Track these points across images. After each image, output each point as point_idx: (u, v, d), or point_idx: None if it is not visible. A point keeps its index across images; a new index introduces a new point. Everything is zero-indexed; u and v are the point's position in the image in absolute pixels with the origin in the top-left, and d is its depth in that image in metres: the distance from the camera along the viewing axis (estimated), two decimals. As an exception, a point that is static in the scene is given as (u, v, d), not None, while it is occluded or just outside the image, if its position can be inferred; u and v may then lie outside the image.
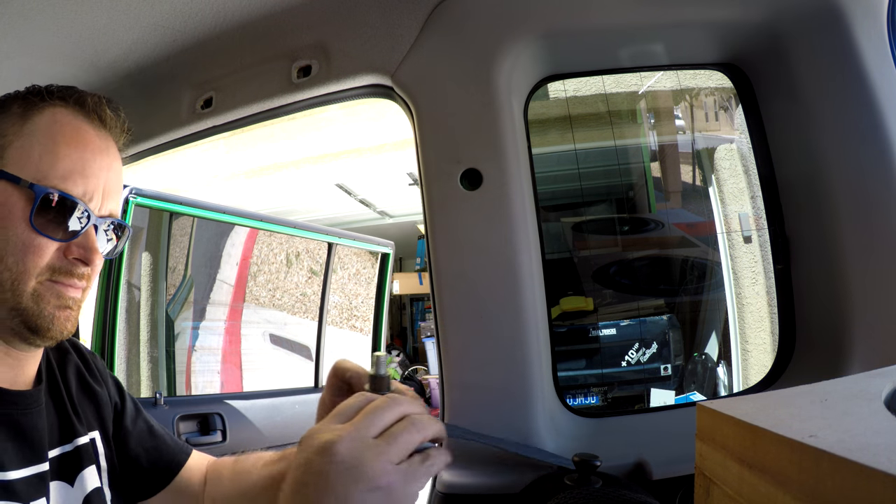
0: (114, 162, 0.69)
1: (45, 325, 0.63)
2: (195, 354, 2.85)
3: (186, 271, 2.87)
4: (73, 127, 0.66)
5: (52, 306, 0.64)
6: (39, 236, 0.62)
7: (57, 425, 0.69)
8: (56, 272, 0.64)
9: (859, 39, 0.84)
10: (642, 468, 0.86)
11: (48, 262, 0.63)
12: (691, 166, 2.66)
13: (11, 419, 0.63)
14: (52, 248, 0.63)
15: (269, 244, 3.40)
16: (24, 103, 0.65)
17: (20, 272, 0.62)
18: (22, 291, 0.62)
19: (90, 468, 0.71)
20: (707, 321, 2.61)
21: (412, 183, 5.50)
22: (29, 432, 0.64)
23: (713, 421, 0.44)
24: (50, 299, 0.63)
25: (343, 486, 0.43)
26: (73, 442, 0.70)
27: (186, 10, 0.95)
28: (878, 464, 0.28)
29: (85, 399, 0.77)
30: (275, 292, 3.38)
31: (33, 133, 0.64)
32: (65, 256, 0.64)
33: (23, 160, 0.62)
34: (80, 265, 0.65)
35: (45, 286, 0.63)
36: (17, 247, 0.61)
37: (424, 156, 0.92)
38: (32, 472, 0.62)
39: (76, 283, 0.65)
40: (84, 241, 0.65)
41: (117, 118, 0.70)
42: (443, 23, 0.92)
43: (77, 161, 0.64)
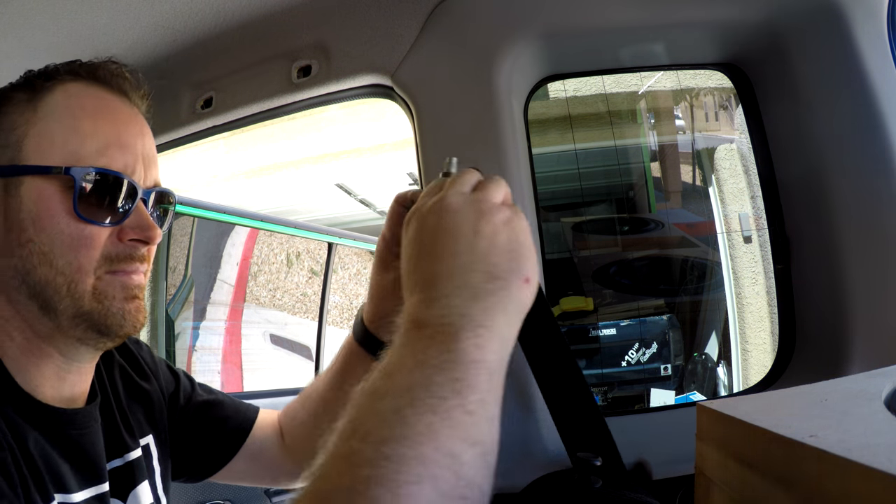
0: (145, 128, 0.62)
1: (117, 322, 0.57)
2: (195, 354, 2.85)
3: (187, 271, 2.87)
4: (93, 98, 0.58)
5: (120, 300, 0.57)
6: (88, 225, 0.55)
7: (110, 441, 0.64)
8: (115, 261, 0.57)
9: (859, 39, 0.84)
10: (642, 468, 0.86)
11: (104, 253, 0.56)
12: (691, 166, 2.66)
13: (70, 440, 0.57)
14: (105, 234, 0.56)
15: (269, 244, 3.40)
16: (29, 89, 0.58)
17: (75, 271, 0.55)
18: (82, 293, 0.55)
19: (143, 484, 0.66)
20: (707, 321, 2.61)
21: (412, 183, 5.50)
22: (89, 451, 0.59)
23: (713, 421, 0.44)
24: (115, 294, 0.56)
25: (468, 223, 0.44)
26: (123, 457, 0.65)
27: (186, 10, 0.95)
28: (878, 464, 0.28)
29: (134, 403, 0.71)
30: (275, 292, 3.39)
31: (50, 115, 0.56)
32: (120, 241, 0.57)
33: (45, 147, 0.55)
34: (139, 246, 0.58)
35: (105, 280, 0.56)
36: (65, 244, 0.54)
37: (424, 156, 0.92)
38: (94, 493, 0.58)
39: (138, 268, 0.59)
40: (138, 219, 0.58)
41: (137, 83, 0.63)
42: (443, 23, 0.92)
43: (109, 133, 0.57)
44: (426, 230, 0.45)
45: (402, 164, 5.05)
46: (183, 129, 1.16)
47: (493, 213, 0.44)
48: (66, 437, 0.57)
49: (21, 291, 0.55)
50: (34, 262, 0.54)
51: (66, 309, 0.55)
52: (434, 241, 0.44)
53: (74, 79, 0.59)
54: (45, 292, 0.55)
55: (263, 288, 3.35)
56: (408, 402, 0.36)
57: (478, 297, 0.41)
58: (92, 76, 0.59)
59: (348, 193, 5.94)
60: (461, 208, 0.45)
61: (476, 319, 0.40)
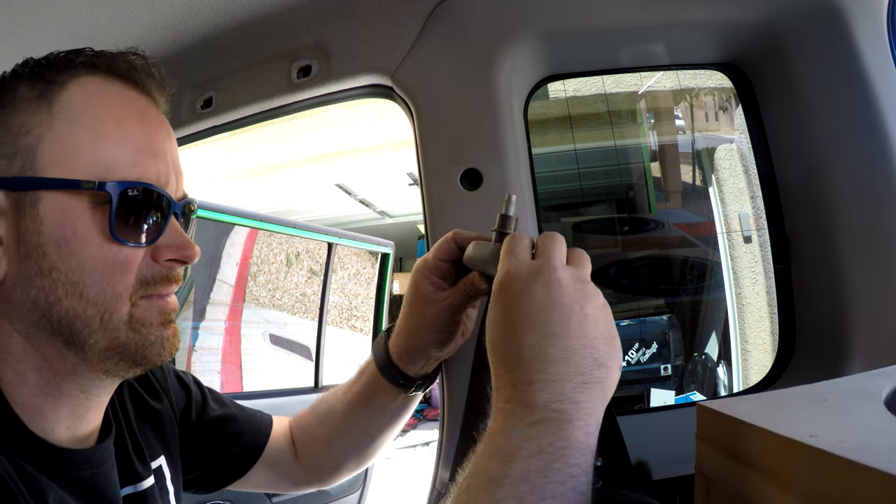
0: (171, 132, 0.55)
1: (156, 352, 0.51)
2: (195, 354, 2.85)
3: (186, 271, 2.88)
4: (118, 97, 0.51)
5: (157, 327, 0.51)
6: (124, 247, 0.48)
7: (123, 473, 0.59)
8: (150, 284, 0.50)
9: (859, 39, 0.84)
10: (642, 468, 0.86)
11: (139, 276, 0.50)
12: (691, 166, 2.66)
13: (85, 481, 0.51)
14: (140, 256, 0.50)
15: (268, 244, 3.40)
16: (38, 82, 0.49)
17: (110, 300, 0.48)
18: (117, 323, 0.49)
19: None
20: (707, 321, 2.62)
21: (412, 183, 5.50)
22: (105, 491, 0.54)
23: (713, 421, 0.44)
24: (153, 320, 0.51)
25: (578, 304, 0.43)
26: (135, 486, 0.60)
27: (186, 10, 0.95)
28: (878, 464, 0.28)
29: (146, 424, 0.66)
30: (275, 292, 3.39)
31: (69, 116, 0.47)
32: (155, 261, 0.51)
33: (68, 155, 0.47)
34: (175, 266, 0.52)
35: (142, 307, 0.50)
36: (98, 270, 0.47)
37: (424, 156, 0.92)
38: None
39: (172, 290, 0.53)
40: (174, 237, 0.52)
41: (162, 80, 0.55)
42: (443, 23, 0.92)
43: (140, 138, 0.50)
44: (535, 303, 0.43)
45: (402, 164, 5.05)
46: (183, 129, 1.16)
47: (595, 296, 0.44)
48: (80, 480, 0.51)
49: (41, 326, 0.48)
50: (59, 294, 0.47)
51: (97, 342, 0.48)
52: (546, 317, 0.42)
53: (91, 71, 0.50)
54: (74, 326, 0.48)
55: (263, 288, 3.35)
56: (528, 490, 0.37)
57: (588, 385, 0.41)
58: (111, 70, 0.51)
59: (348, 193, 5.94)
60: (570, 286, 0.44)
61: (585, 407, 0.41)
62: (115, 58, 0.52)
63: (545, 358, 0.41)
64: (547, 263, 0.45)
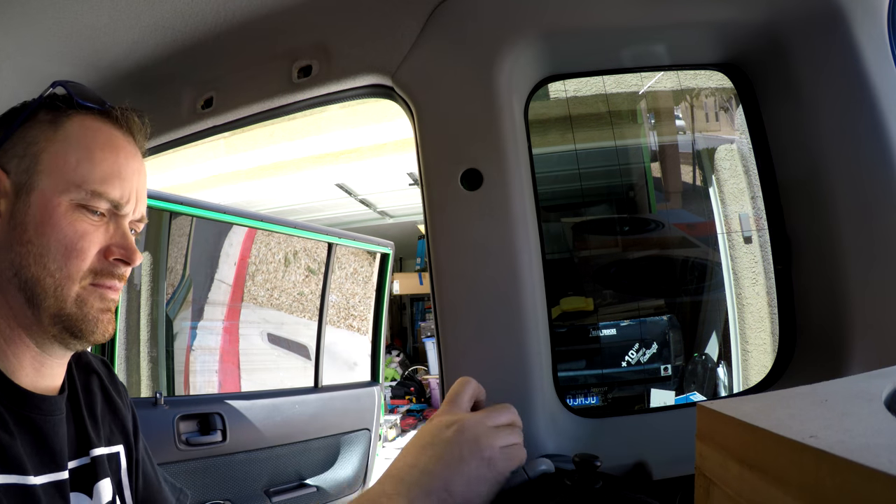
0: (142, 167, 0.72)
1: (90, 328, 0.64)
2: (193, 354, 2.85)
3: (185, 271, 2.87)
4: (104, 133, 0.68)
5: (96, 310, 0.65)
6: (82, 240, 0.63)
7: (75, 437, 0.69)
8: (98, 275, 0.65)
9: (860, 40, 0.84)
10: (642, 468, 0.86)
11: (90, 266, 0.64)
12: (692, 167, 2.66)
13: (34, 424, 0.63)
14: (94, 250, 0.64)
15: (267, 244, 3.40)
16: (51, 111, 0.67)
17: (64, 277, 0.62)
18: (66, 297, 0.63)
19: (105, 480, 0.70)
20: (707, 321, 2.61)
21: (412, 183, 5.50)
22: (50, 438, 0.64)
23: (713, 421, 0.44)
24: (94, 303, 0.64)
25: (460, 448, 0.58)
26: (89, 454, 0.70)
27: (186, 10, 0.95)
28: (879, 464, 0.28)
29: (109, 414, 0.77)
30: (273, 292, 3.39)
31: (67, 139, 0.65)
32: (105, 258, 0.65)
33: (60, 165, 0.64)
34: (121, 266, 0.66)
35: (87, 290, 0.64)
36: (59, 251, 0.62)
37: (425, 156, 0.92)
38: (51, 480, 0.62)
39: (116, 284, 0.67)
40: (124, 242, 0.66)
41: (143, 126, 0.73)
42: (443, 23, 0.92)
43: (113, 165, 0.66)
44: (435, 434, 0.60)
45: (403, 165, 5.05)
46: (183, 129, 1.16)
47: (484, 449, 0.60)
48: (29, 420, 0.62)
49: (12, 283, 0.62)
50: (29, 261, 0.62)
51: (49, 307, 0.62)
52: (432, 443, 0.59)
53: (91, 112, 0.68)
54: (35, 289, 0.62)
55: (261, 287, 3.35)
56: None
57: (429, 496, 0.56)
58: (106, 115, 0.69)
59: (348, 193, 5.94)
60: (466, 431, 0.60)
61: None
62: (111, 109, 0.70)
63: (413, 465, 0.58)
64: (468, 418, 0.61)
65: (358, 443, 2.78)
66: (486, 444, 0.58)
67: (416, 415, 6.88)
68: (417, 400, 7.15)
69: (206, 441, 2.13)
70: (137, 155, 0.72)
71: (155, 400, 2.07)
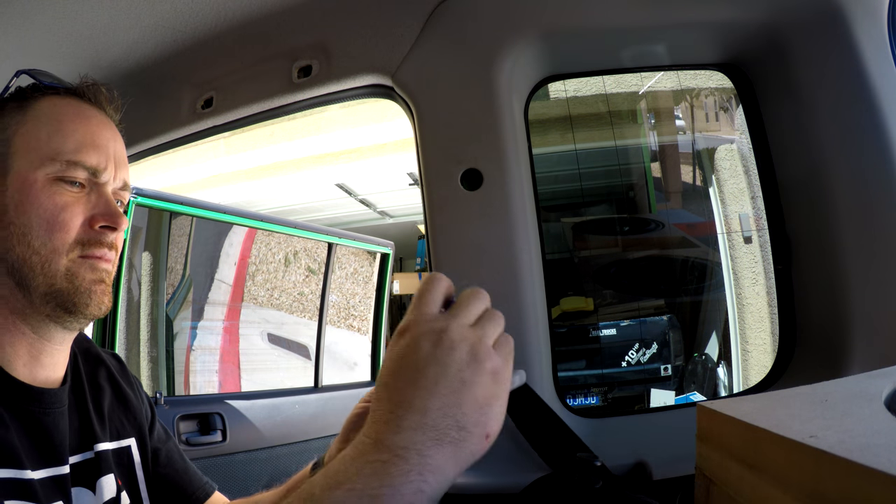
0: (117, 134, 0.70)
1: (84, 301, 0.63)
2: (194, 354, 2.85)
3: (185, 271, 2.87)
4: (73, 107, 0.67)
5: (88, 281, 0.63)
6: (63, 212, 0.62)
7: (78, 431, 0.68)
8: (86, 245, 0.63)
9: (860, 40, 0.84)
10: (642, 468, 0.86)
11: (76, 238, 0.63)
12: (692, 167, 2.66)
13: (32, 417, 0.61)
14: (78, 221, 0.63)
15: (267, 244, 3.40)
16: (20, 98, 0.66)
17: (49, 252, 0.61)
18: (55, 272, 0.61)
19: (108, 476, 0.69)
20: (707, 321, 2.62)
21: (412, 183, 5.50)
22: (49, 432, 0.62)
23: (713, 421, 0.44)
24: (85, 274, 0.63)
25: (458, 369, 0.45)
26: (93, 449, 0.68)
27: (186, 10, 0.95)
28: (878, 464, 0.28)
29: (119, 407, 0.76)
30: (273, 292, 3.39)
31: (37, 118, 0.65)
32: (91, 227, 0.64)
33: (31, 143, 0.63)
34: (108, 232, 0.65)
35: (77, 262, 0.63)
36: (42, 227, 0.61)
37: (425, 156, 0.92)
38: (51, 474, 0.61)
39: (106, 254, 0.65)
40: (108, 209, 0.65)
41: (112, 97, 0.71)
42: (443, 23, 0.92)
43: (85, 133, 0.65)
44: (418, 353, 0.45)
45: (403, 164, 5.04)
46: (183, 129, 1.16)
47: (485, 361, 0.45)
48: (28, 414, 0.61)
49: (0, 269, 0.62)
50: (13, 242, 0.61)
51: (38, 286, 0.61)
52: (421, 368, 0.44)
53: (58, 93, 0.68)
54: (22, 270, 0.61)
55: (261, 287, 3.35)
56: None
57: (440, 443, 0.43)
58: (73, 92, 0.68)
59: (348, 193, 5.94)
60: (457, 346, 0.45)
61: (430, 464, 0.42)
62: (78, 87, 0.69)
63: (408, 405, 0.43)
64: (447, 326, 0.46)
65: (358, 443, 2.77)
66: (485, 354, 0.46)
67: (416, 415, 6.86)
68: (417, 400, 7.13)
69: (206, 441, 2.13)
70: (110, 124, 0.70)
71: (155, 400, 2.07)
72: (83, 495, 0.65)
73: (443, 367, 0.44)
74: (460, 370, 0.44)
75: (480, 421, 0.44)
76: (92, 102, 0.69)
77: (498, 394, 0.46)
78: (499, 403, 0.46)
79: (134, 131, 1.23)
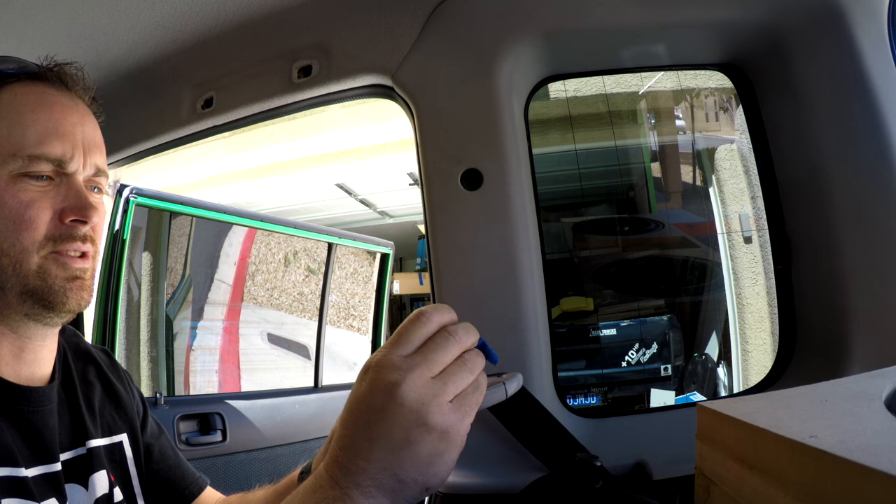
0: (86, 117, 0.66)
1: (59, 299, 0.61)
2: (194, 354, 2.85)
3: (185, 271, 2.87)
4: (34, 94, 0.63)
5: (61, 279, 0.61)
6: (29, 209, 0.59)
7: (70, 427, 0.67)
8: (57, 241, 0.61)
9: (860, 40, 0.84)
10: (642, 468, 0.86)
11: (46, 234, 0.61)
12: (692, 167, 2.66)
13: (22, 416, 0.61)
14: (46, 217, 0.61)
15: (267, 244, 3.40)
16: None
17: (19, 252, 0.59)
18: (26, 272, 0.60)
19: (100, 473, 0.69)
20: (707, 321, 2.61)
21: (412, 183, 5.50)
22: (40, 431, 0.62)
23: (713, 421, 0.44)
24: (56, 273, 0.61)
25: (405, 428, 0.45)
26: (85, 445, 0.68)
27: (186, 10, 0.95)
28: (879, 464, 0.28)
29: (110, 403, 0.75)
30: (272, 292, 3.39)
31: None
32: (61, 222, 0.61)
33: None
34: (79, 226, 0.62)
35: (48, 260, 0.61)
36: (8, 227, 0.59)
37: (425, 156, 0.92)
38: (43, 472, 0.61)
39: (79, 247, 0.62)
40: (77, 201, 0.62)
41: (80, 76, 0.67)
42: (443, 23, 0.92)
43: (47, 122, 0.62)
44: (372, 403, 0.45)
45: (403, 164, 5.04)
46: (183, 129, 1.16)
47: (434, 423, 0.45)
48: (17, 413, 0.61)
49: None
50: None
51: (13, 287, 0.60)
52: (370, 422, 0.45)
53: (20, 80, 0.64)
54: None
55: (261, 288, 3.35)
56: None
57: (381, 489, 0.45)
58: (35, 76, 0.65)
59: (348, 193, 5.94)
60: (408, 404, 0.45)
61: None
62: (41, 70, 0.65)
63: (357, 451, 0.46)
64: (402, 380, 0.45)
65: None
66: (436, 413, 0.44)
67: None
68: (417, 400, 7.14)
69: (206, 441, 2.13)
70: (77, 106, 0.66)
71: (155, 400, 2.07)
72: (76, 492, 0.65)
73: (390, 423, 0.44)
74: (407, 430, 0.44)
75: (418, 479, 0.45)
76: (56, 85, 0.65)
77: (444, 451, 0.46)
78: (443, 460, 0.46)
79: (134, 131, 1.24)
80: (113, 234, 1.99)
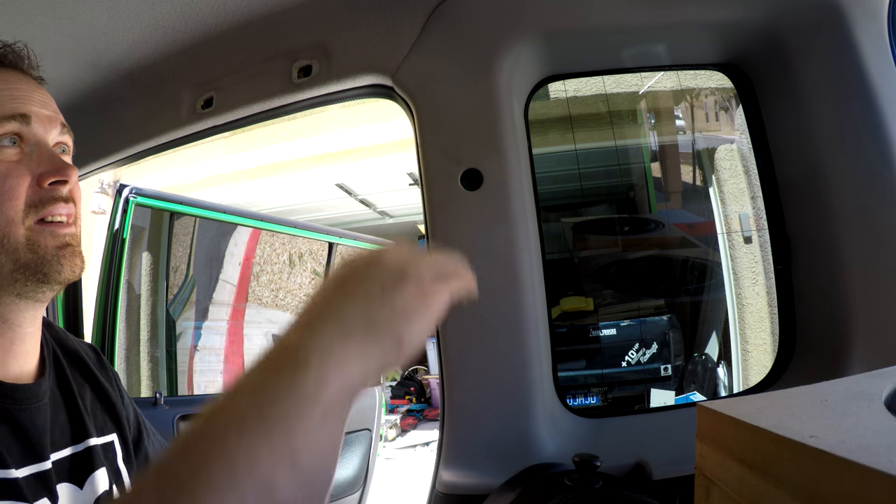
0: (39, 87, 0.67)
1: (54, 269, 0.61)
2: (197, 354, 2.85)
3: (188, 271, 2.88)
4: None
5: (52, 248, 0.61)
6: (7, 180, 0.60)
7: (68, 425, 0.66)
8: (40, 206, 0.61)
9: (860, 40, 0.84)
10: (642, 468, 0.86)
11: (27, 201, 0.60)
12: (691, 167, 2.66)
13: (8, 415, 0.59)
14: (25, 184, 0.61)
15: (271, 244, 3.41)
16: None
17: (5, 225, 0.59)
18: (15, 245, 0.59)
19: (101, 470, 0.68)
20: (707, 321, 2.62)
21: (412, 183, 5.50)
22: (27, 429, 0.61)
23: (713, 421, 0.44)
24: (46, 242, 0.61)
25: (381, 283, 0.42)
26: (84, 442, 0.67)
27: (186, 10, 0.95)
28: (878, 464, 0.28)
29: (100, 403, 0.74)
30: (277, 292, 3.39)
31: None
32: (40, 186, 0.61)
33: None
34: (59, 187, 0.62)
35: (35, 231, 0.61)
36: None
37: (425, 156, 0.92)
38: (33, 472, 0.59)
39: (61, 209, 0.62)
40: (52, 163, 0.62)
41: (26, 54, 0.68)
42: (443, 23, 0.92)
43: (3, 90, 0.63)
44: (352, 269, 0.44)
45: (403, 164, 5.05)
46: (183, 129, 1.16)
47: (416, 276, 0.44)
48: (4, 412, 0.59)
49: None
50: None
51: (3, 265, 0.59)
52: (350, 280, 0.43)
53: None
54: None
55: (266, 288, 3.35)
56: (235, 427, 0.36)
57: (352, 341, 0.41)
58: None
59: (349, 193, 5.94)
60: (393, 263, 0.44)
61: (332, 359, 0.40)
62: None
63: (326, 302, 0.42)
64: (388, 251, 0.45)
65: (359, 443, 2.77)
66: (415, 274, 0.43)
67: (416, 415, 6.88)
68: (417, 400, 7.15)
69: (207, 441, 2.13)
70: (28, 78, 0.67)
71: (155, 400, 2.07)
72: (70, 491, 0.63)
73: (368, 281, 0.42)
74: (384, 284, 0.42)
75: (393, 328, 0.42)
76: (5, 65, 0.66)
77: (420, 307, 0.43)
78: (420, 314, 0.43)
79: (134, 131, 1.24)
80: (113, 234, 1.99)
